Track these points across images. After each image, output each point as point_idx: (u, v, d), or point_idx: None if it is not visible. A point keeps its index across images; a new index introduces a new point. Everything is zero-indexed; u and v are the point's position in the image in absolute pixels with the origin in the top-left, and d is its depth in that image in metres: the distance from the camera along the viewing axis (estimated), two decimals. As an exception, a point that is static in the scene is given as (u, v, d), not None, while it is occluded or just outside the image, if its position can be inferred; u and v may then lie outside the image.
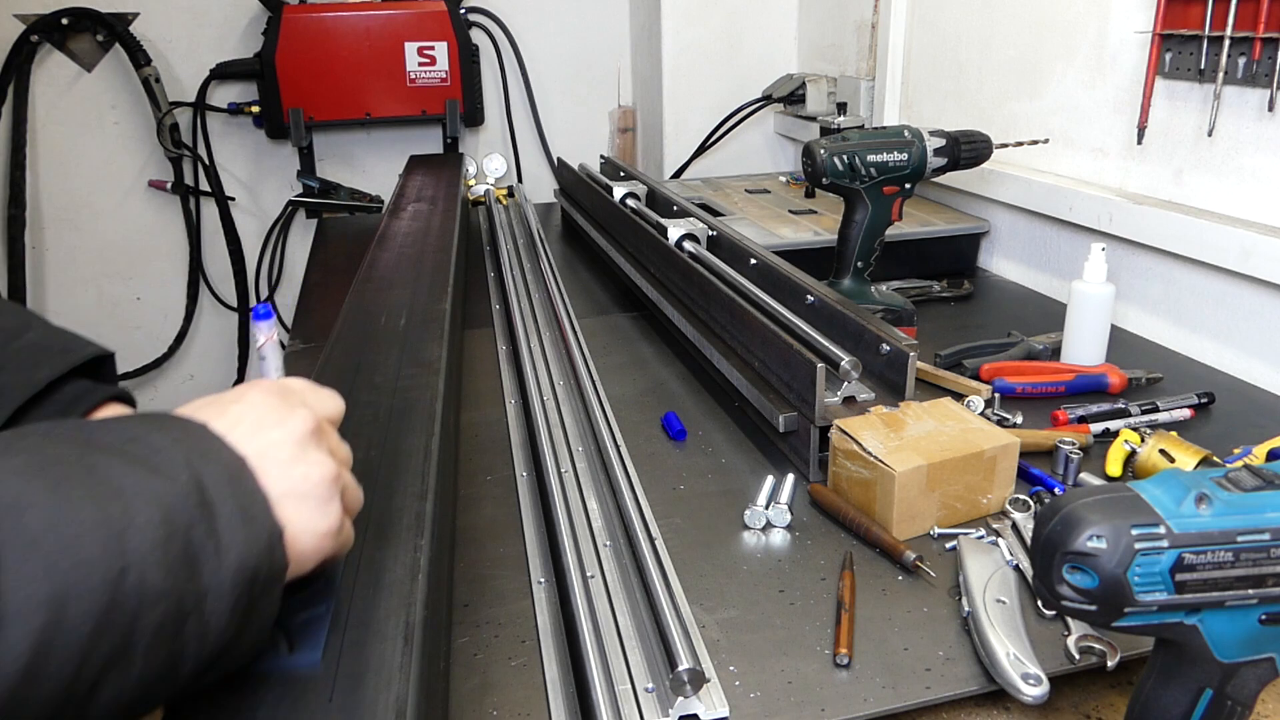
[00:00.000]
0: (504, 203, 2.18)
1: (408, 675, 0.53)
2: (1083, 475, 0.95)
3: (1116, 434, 0.97)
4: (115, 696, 0.41)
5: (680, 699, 0.64)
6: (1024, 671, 0.66)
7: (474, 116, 2.50)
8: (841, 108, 2.01)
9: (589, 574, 0.77)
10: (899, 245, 1.54)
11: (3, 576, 0.37)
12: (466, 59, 2.42)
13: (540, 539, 0.88)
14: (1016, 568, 0.79)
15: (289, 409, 0.54)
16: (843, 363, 0.97)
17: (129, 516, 0.42)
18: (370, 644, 0.56)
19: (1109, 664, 0.68)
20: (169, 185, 2.48)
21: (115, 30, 2.32)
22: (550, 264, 1.64)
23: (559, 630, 0.75)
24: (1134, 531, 0.47)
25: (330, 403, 0.60)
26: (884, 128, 1.35)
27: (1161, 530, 0.47)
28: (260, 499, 0.49)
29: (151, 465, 0.45)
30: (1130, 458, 0.95)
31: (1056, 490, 0.93)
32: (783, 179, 2.11)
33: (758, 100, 2.30)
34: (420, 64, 2.39)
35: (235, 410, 0.53)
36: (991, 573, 0.77)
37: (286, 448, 0.52)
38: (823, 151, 1.27)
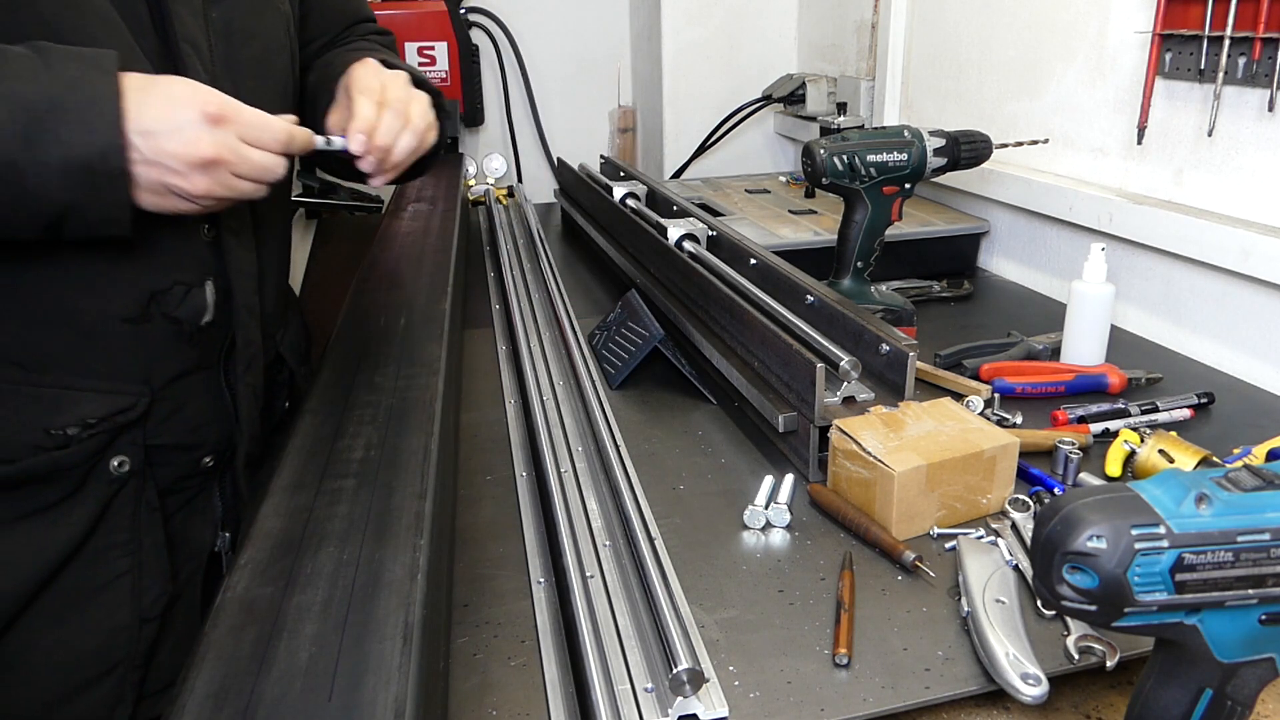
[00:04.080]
0: (504, 203, 2.18)
1: (407, 674, 0.54)
2: (1082, 475, 0.95)
3: (1116, 434, 0.97)
4: None
5: (680, 699, 0.64)
6: (1023, 671, 0.66)
7: (474, 116, 2.50)
8: (841, 108, 2.01)
9: (589, 574, 0.77)
10: (899, 245, 1.54)
11: None
12: (466, 59, 2.42)
13: (540, 539, 0.88)
14: (1016, 568, 0.79)
15: (200, 94, 0.72)
16: (842, 363, 0.97)
17: None
18: (369, 643, 0.56)
19: (1109, 664, 0.68)
20: (169, 185, 2.48)
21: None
22: (550, 264, 1.64)
23: (558, 630, 0.75)
24: (1134, 531, 0.47)
25: (257, 123, 0.76)
26: (884, 128, 1.35)
27: (1161, 530, 0.47)
28: (109, 123, 0.68)
29: (49, 66, 0.67)
30: (1130, 458, 0.95)
31: (1056, 490, 0.93)
32: (783, 179, 2.10)
33: (758, 100, 2.30)
34: (420, 64, 2.39)
35: (163, 81, 0.72)
36: (991, 573, 0.77)
37: (176, 116, 0.70)
38: (823, 151, 1.27)
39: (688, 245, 1.37)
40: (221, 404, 0.94)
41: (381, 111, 0.90)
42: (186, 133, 0.71)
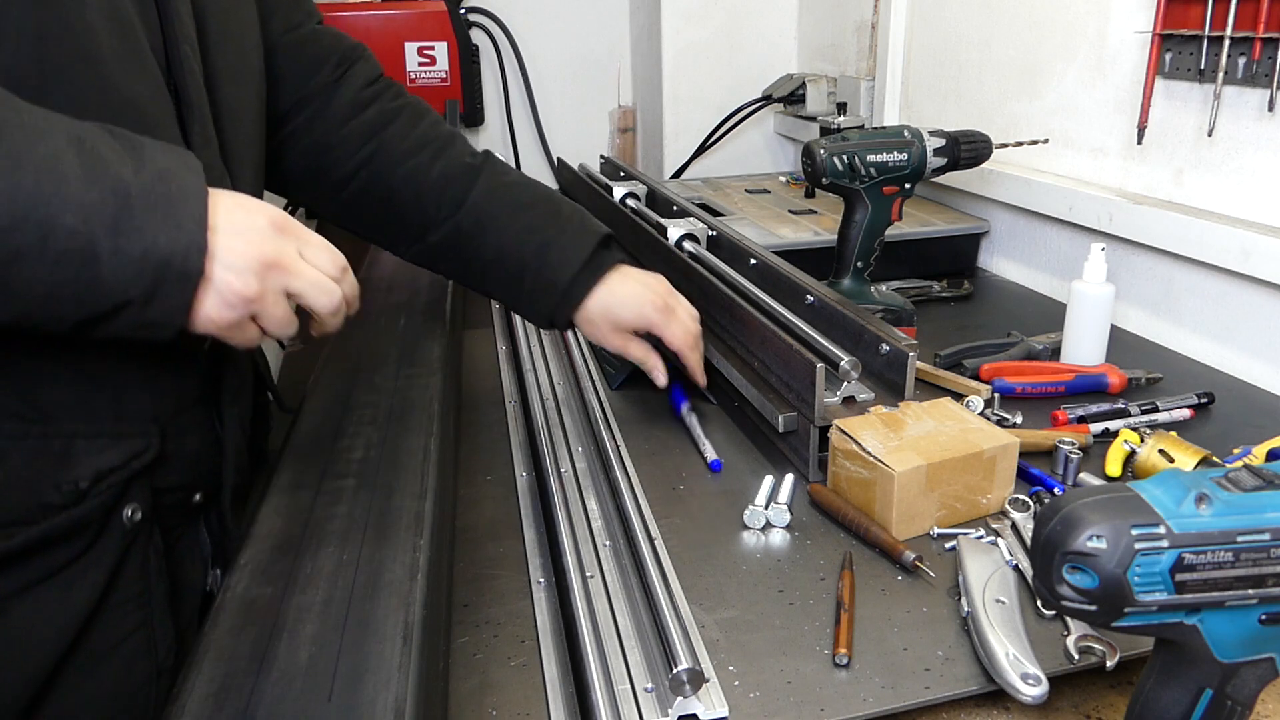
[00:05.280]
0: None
1: (406, 675, 0.54)
2: (1082, 475, 0.95)
3: (1116, 434, 0.97)
4: (25, 282, 0.60)
5: (679, 699, 0.64)
6: (1023, 671, 0.66)
7: (474, 116, 2.50)
8: (841, 108, 2.01)
9: (589, 574, 0.77)
10: (899, 245, 1.54)
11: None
12: (466, 59, 2.42)
13: (540, 539, 0.88)
14: (1016, 568, 0.79)
15: (269, 207, 0.71)
16: (842, 363, 0.97)
17: (87, 176, 0.61)
18: (369, 643, 0.56)
19: (1108, 664, 0.68)
20: (169, 185, 2.48)
21: (115, 30, 2.31)
22: (550, 264, 1.64)
23: (558, 630, 0.75)
24: (1134, 531, 0.47)
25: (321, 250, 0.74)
26: (884, 128, 1.35)
27: (1161, 530, 0.47)
28: (196, 221, 0.65)
29: (138, 153, 0.64)
30: (1130, 458, 0.95)
31: (1056, 490, 0.93)
32: (783, 179, 2.10)
33: (758, 100, 2.30)
34: (420, 64, 2.39)
35: (229, 191, 0.70)
36: (991, 573, 0.77)
37: (249, 220, 0.69)
38: (823, 151, 1.27)
39: (688, 245, 1.37)
40: (212, 438, 0.89)
41: (695, 349, 1.07)
42: (253, 234, 0.69)
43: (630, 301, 1.03)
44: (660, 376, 1.07)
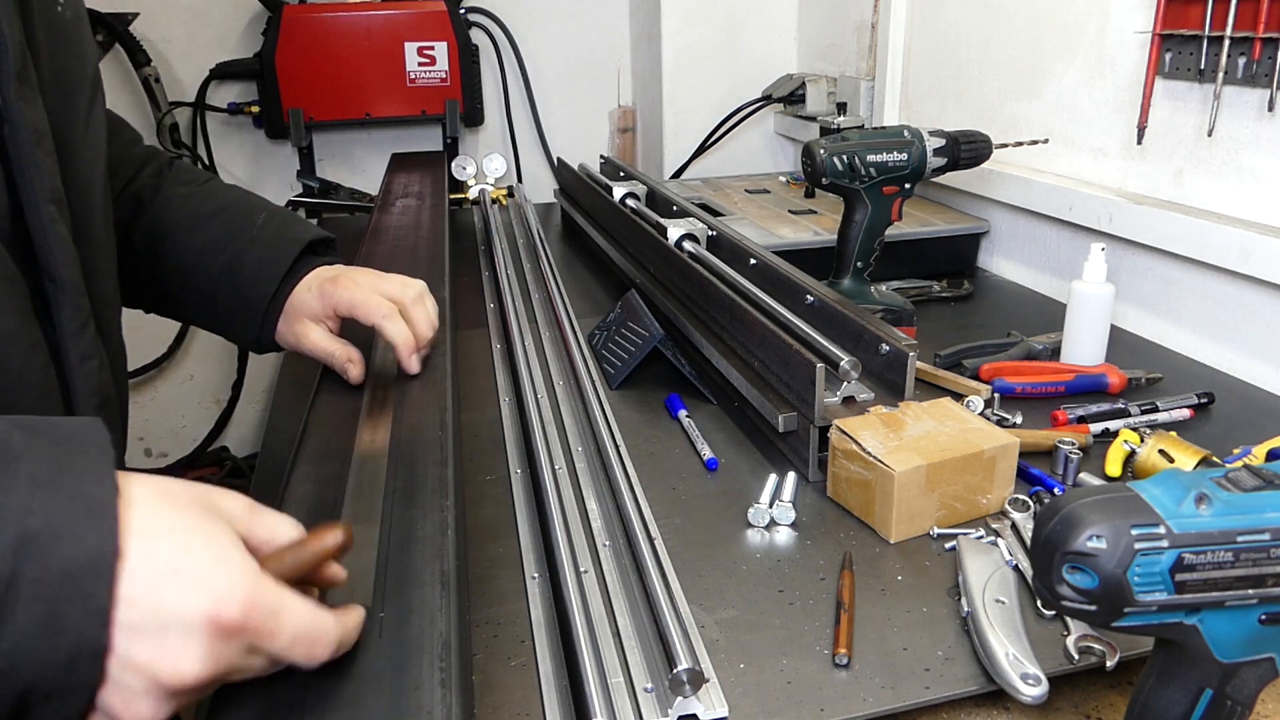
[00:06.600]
0: (503, 203, 2.18)
1: (448, 615, 0.58)
2: (1082, 475, 0.95)
3: (1116, 434, 0.97)
4: None
5: (679, 699, 0.64)
6: (1023, 671, 0.66)
7: (474, 116, 2.50)
8: (841, 108, 2.01)
9: (583, 569, 0.77)
10: (899, 245, 1.54)
11: None
12: (466, 59, 2.42)
13: (535, 536, 0.88)
14: (1016, 568, 0.79)
15: (223, 577, 0.46)
16: (842, 363, 0.97)
17: None
18: (410, 590, 0.61)
19: (1108, 664, 0.68)
20: (169, 185, 2.48)
21: (115, 30, 2.32)
22: (550, 264, 1.64)
23: (553, 625, 0.75)
24: (1134, 531, 0.47)
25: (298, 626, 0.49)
26: (884, 128, 1.35)
27: (1161, 530, 0.47)
28: (93, 617, 0.43)
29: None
30: (1130, 458, 0.95)
31: (1056, 490, 0.93)
32: (783, 179, 2.10)
33: (758, 100, 2.30)
34: (420, 64, 2.39)
35: (173, 525, 0.46)
36: (991, 573, 0.77)
37: (182, 614, 0.45)
38: (822, 151, 1.27)
39: (688, 245, 1.37)
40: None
41: (409, 320, 0.90)
42: (175, 642, 0.45)
43: (310, 301, 0.89)
44: (353, 369, 0.91)
